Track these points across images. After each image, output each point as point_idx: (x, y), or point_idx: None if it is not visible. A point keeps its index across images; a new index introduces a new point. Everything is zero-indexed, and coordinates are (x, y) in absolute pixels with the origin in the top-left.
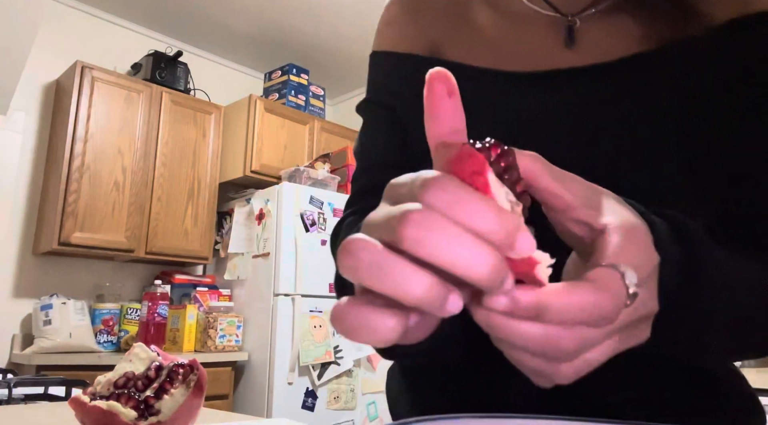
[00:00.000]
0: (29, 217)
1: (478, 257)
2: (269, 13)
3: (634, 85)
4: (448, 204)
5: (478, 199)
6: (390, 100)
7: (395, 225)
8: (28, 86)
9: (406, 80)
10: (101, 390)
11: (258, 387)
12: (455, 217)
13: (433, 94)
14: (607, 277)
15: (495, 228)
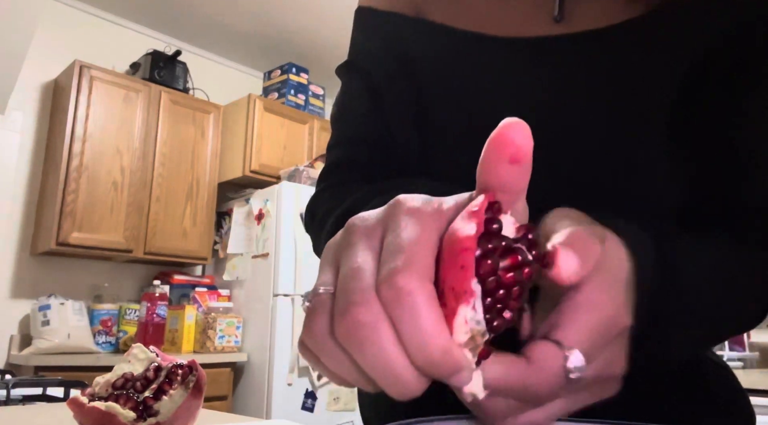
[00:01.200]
0: (27, 217)
1: (397, 386)
2: (268, 12)
3: (623, 52)
4: (401, 316)
5: (432, 329)
6: (368, 64)
7: (339, 313)
8: (26, 85)
9: (387, 42)
10: (100, 391)
11: (257, 388)
12: (400, 332)
13: (495, 149)
14: (546, 357)
15: (432, 366)
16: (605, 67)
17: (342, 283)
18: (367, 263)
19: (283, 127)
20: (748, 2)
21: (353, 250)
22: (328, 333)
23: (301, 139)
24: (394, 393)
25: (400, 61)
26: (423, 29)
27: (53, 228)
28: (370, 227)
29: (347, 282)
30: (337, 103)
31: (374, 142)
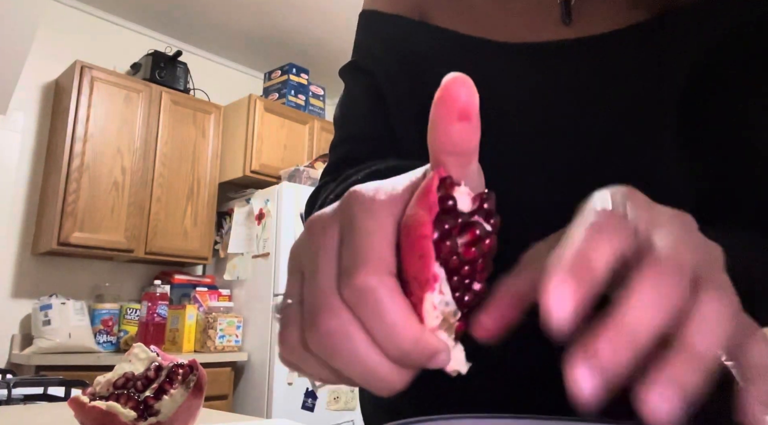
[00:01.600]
0: (28, 217)
1: (378, 383)
2: (269, 12)
3: (630, 56)
4: (366, 315)
5: (399, 322)
6: (371, 65)
7: (307, 325)
8: (28, 86)
9: (390, 44)
10: (100, 390)
11: (258, 387)
12: (370, 331)
13: (441, 109)
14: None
15: (406, 357)
16: (612, 72)
17: (306, 292)
18: (327, 266)
19: (283, 128)
20: (750, 3)
21: (312, 254)
22: (301, 344)
23: (301, 139)
24: (378, 390)
25: (403, 62)
26: (427, 33)
27: (54, 228)
28: (326, 225)
29: (310, 291)
30: (339, 104)
31: (376, 139)
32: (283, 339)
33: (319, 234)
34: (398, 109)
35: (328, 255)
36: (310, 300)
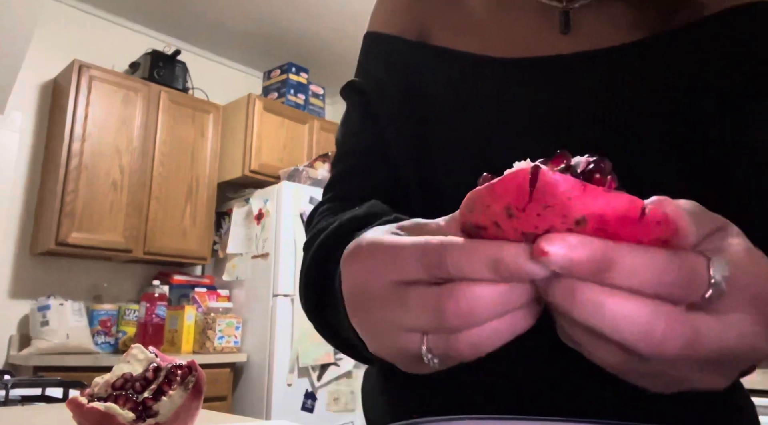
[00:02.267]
0: (26, 217)
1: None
2: (268, 11)
3: (624, 73)
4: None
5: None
6: (367, 85)
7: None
8: (26, 85)
9: (389, 64)
10: (99, 391)
11: (257, 388)
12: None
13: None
14: (688, 255)
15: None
16: (610, 86)
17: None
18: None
19: (282, 127)
20: (751, 32)
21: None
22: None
23: (300, 138)
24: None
25: (401, 83)
26: (425, 54)
27: (52, 228)
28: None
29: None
30: (340, 123)
31: (370, 155)
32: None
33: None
34: (394, 125)
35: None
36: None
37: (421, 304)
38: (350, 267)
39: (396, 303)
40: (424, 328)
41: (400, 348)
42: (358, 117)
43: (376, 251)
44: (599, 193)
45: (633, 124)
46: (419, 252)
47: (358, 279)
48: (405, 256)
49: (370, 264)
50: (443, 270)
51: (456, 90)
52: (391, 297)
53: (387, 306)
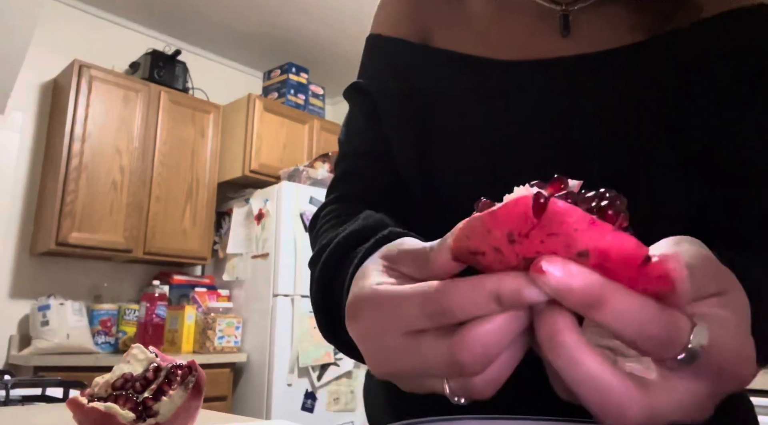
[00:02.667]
0: (27, 217)
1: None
2: (268, 11)
3: (624, 75)
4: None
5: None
6: (368, 86)
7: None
8: (26, 85)
9: (390, 66)
10: (99, 391)
11: (257, 388)
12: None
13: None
14: (675, 314)
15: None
16: (609, 87)
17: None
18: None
19: (282, 127)
20: (748, 35)
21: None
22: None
23: (300, 138)
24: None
25: (403, 86)
26: (427, 56)
27: (53, 228)
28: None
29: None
30: (343, 124)
31: (372, 155)
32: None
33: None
34: (396, 126)
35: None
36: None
37: (436, 356)
38: (355, 322)
39: (412, 355)
40: (444, 376)
41: (426, 390)
42: (361, 118)
43: (377, 306)
44: (607, 231)
45: (633, 125)
46: (420, 303)
47: (366, 334)
48: (407, 309)
49: (373, 319)
50: (448, 316)
51: (458, 92)
52: (405, 349)
53: (403, 358)
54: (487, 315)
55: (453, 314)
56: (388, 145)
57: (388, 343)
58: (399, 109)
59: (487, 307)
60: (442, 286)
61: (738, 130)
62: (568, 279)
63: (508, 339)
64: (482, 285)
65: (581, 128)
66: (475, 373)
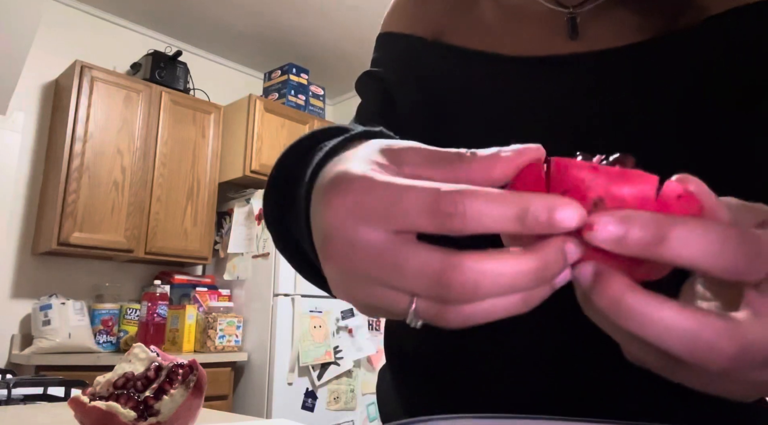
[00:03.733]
0: (28, 217)
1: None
2: (269, 12)
3: (632, 73)
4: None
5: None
6: (382, 73)
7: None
8: (28, 86)
9: (403, 60)
10: (100, 390)
11: (258, 387)
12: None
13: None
14: (747, 230)
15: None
16: (617, 84)
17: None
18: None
19: (283, 128)
20: (753, 32)
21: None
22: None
23: None
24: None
25: (416, 77)
26: (439, 52)
27: (54, 228)
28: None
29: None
30: (357, 109)
31: (387, 124)
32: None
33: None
34: (410, 112)
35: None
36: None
37: (422, 270)
38: (330, 204)
39: (389, 261)
40: (418, 293)
41: (379, 304)
42: (373, 104)
43: (367, 190)
44: (612, 173)
45: (641, 123)
46: (428, 196)
47: (339, 223)
48: (409, 200)
49: (358, 206)
50: (457, 221)
51: (470, 85)
52: (383, 252)
53: (377, 263)
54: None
55: (464, 219)
56: (399, 131)
57: (366, 238)
58: (414, 96)
59: (505, 222)
60: (463, 188)
61: (748, 126)
62: (620, 224)
63: (505, 289)
64: (509, 196)
65: (590, 124)
66: (456, 301)
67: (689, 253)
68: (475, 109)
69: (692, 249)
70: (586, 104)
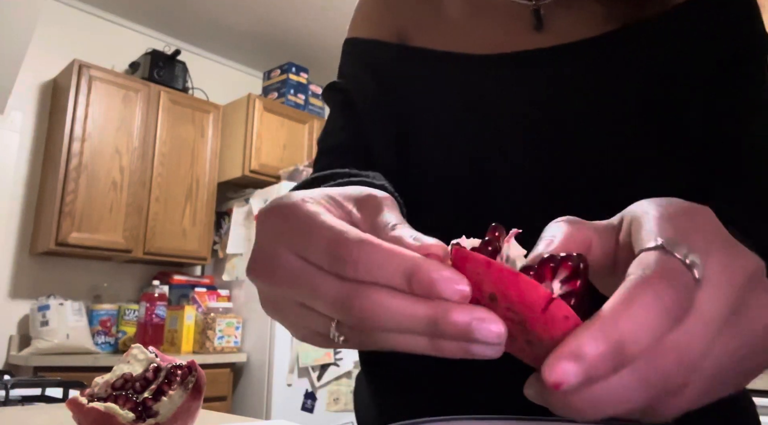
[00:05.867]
0: (26, 217)
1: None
2: (268, 11)
3: (598, 64)
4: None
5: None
6: (346, 83)
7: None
8: (26, 85)
9: (369, 67)
10: (99, 391)
11: (257, 388)
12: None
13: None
14: (650, 262)
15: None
16: (585, 77)
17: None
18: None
19: (282, 127)
20: (716, 21)
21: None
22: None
23: (300, 138)
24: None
25: (380, 84)
26: (403, 55)
27: (52, 228)
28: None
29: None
30: (324, 126)
31: (350, 150)
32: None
33: None
34: (374, 125)
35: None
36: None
37: (330, 294)
38: (261, 223)
39: (304, 285)
40: (332, 316)
41: (303, 322)
42: (338, 115)
43: (289, 218)
44: (504, 274)
45: (610, 114)
46: (332, 242)
47: (264, 242)
48: (315, 239)
49: (279, 230)
50: (350, 268)
51: (434, 86)
52: (300, 276)
53: (295, 284)
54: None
55: (356, 268)
56: (365, 140)
57: (286, 260)
58: (375, 104)
59: (393, 279)
60: (364, 238)
61: (715, 114)
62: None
63: (401, 327)
64: (401, 257)
65: (557, 118)
66: (361, 327)
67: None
68: (441, 109)
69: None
70: (552, 99)
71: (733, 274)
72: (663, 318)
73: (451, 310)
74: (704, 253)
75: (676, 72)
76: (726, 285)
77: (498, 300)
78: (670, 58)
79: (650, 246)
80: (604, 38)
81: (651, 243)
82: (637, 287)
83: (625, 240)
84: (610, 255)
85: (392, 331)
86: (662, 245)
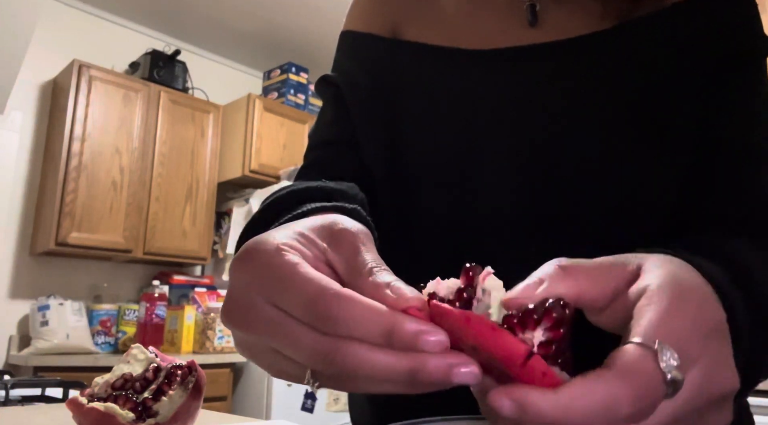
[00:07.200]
0: (26, 217)
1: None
2: (268, 11)
3: (593, 61)
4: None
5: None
6: (338, 78)
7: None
8: (25, 85)
9: (362, 61)
10: (99, 391)
11: (257, 388)
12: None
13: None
14: (634, 360)
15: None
16: (582, 75)
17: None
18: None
19: (282, 127)
20: (711, 18)
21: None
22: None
23: (300, 138)
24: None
25: (373, 78)
26: (397, 49)
27: (52, 228)
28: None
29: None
30: (317, 116)
31: (339, 144)
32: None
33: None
34: (364, 119)
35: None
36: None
37: (309, 347)
38: (234, 270)
39: (282, 335)
40: (311, 367)
41: (279, 367)
42: (329, 109)
43: (265, 267)
44: (483, 330)
45: (603, 111)
46: (312, 298)
47: (239, 288)
48: (294, 292)
49: (254, 279)
50: (330, 325)
51: (426, 81)
52: (278, 326)
53: (272, 334)
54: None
55: (336, 324)
56: (354, 135)
57: (262, 308)
58: (366, 100)
59: (374, 336)
60: (342, 294)
61: (711, 112)
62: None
63: (382, 379)
64: (380, 314)
65: (550, 114)
66: (342, 379)
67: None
68: (432, 104)
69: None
70: (545, 95)
71: (710, 389)
72: (602, 415)
73: (429, 361)
74: (692, 363)
75: (671, 70)
76: (697, 397)
77: (479, 352)
78: (664, 56)
79: (637, 342)
80: (599, 35)
81: (638, 339)
82: (600, 376)
83: (633, 301)
84: (608, 295)
85: (371, 381)
86: (649, 346)
